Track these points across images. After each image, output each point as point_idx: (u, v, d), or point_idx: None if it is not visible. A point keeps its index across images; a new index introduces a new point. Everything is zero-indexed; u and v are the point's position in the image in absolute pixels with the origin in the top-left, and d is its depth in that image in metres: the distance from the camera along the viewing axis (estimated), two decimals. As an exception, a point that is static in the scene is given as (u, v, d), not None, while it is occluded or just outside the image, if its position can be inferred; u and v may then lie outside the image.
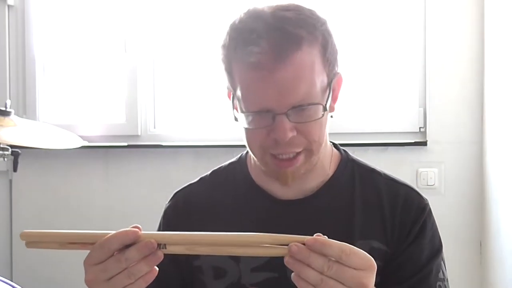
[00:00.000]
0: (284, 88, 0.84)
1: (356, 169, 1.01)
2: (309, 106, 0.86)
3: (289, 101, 0.85)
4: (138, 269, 0.70)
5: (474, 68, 2.14)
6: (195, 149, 2.28)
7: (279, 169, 0.91)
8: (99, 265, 0.71)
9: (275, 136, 0.86)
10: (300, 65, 0.84)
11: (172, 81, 2.42)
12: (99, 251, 0.71)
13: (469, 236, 2.16)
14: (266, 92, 0.85)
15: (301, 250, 0.69)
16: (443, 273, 0.96)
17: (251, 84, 0.86)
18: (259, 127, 0.88)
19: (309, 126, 0.88)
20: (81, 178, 2.39)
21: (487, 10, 2.10)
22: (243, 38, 0.86)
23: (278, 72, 0.83)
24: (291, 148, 0.88)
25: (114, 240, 0.71)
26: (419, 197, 0.99)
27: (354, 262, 0.70)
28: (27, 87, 2.44)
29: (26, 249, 0.77)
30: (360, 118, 2.25)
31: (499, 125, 1.98)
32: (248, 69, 0.86)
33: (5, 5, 2.42)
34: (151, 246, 0.70)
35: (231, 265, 0.95)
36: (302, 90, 0.85)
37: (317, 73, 0.87)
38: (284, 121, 0.85)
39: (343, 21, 2.24)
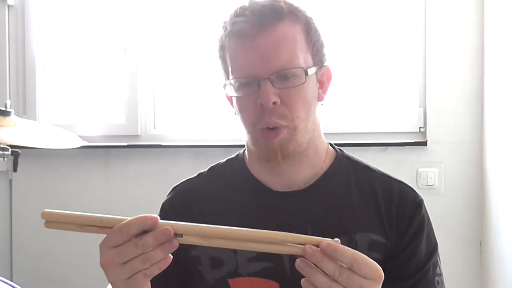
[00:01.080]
0: (266, 54, 0.91)
1: (351, 165, 1.03)
2: (291, 69, 0.91)
3: (271, 66, 0.90)
4: (153, 255, 0.72)
5: (474, 68, 2.14)
6: (195, 149, 2.28)
7: (267, 142, 0.93)
8: (116, 248, 0.73)
9: (260, 101, 0.90)
10: (281, 34, 0.92)
11: (172, 81, 2.42)
12: (118, 235, 0.73)
13: (469, 236, 2.16)
14: (250, 58, 0.91)
15: (315, 252, 0.70)
16: (439, 268, 0.98)
17: (237, 52, 0.93)
18: (246, 94, 0.93)
19: (293, 94, 0.92)
20: (81, 178, 2.39)
21: (487, 10, 2.10)
22: (232, 13, 0.95)
23: (260, 39, 0.91)
24: (276, 117, 0.91)
25: (133, 225, 0.72)
26: (414, 192, 1.00)
27: (365, 271, 0.71)
28: (27, 87, 2.44)
29: (26, 249, 0.78)
30: (360, 118, 2.25)
31: (499, 125, 1.98)
32: (234, 38, 0.93)
33: (5, 5, 2.42)
34: (167, 233, 0.71)
35: (228, 255, 0.96)
36: (284, 57, 0.91)
37: (300, 47, 0.93)
38: (267, 85, 0.90)
39: (343, 21, 2.24)
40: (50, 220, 0.77)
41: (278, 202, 0.98)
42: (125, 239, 0.72)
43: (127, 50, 2.38)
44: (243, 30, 0.92)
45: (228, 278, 0.97)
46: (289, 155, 0.94)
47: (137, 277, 0.73)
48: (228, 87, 0.96)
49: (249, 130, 0.96)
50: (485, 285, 2.12)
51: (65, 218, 0.77)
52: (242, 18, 0.92)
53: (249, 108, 0.93)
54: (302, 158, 0.97)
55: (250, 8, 0.93)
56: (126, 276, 0.73)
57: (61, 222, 0.77)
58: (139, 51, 2.38)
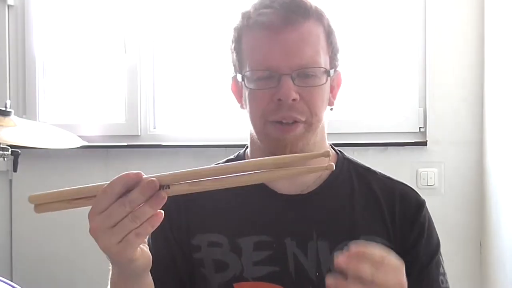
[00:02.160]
0: (290, 49, 0.89)
1: (352, 167, 1.02)
2: (313, 68, 0.90)
3: (294, 62, 0.89)
4: (142, 211, 0.68)
5: (474, 68, 2.14)
6: (195, 149, 2.28)
7: (279, 136, 0.91)
8: (103, 212, 0.69)
9: (279, 96, 0.89)
10: (307, 32, 0.91)
11: (172, 81, 2.42)
12: (103, 198, 0.69)
13: (469, 236, 2.16)
14: (272, 52, 0.90)
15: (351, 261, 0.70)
16: (442, 267, 0.98)
17: (260, 43, 0.92)
18: (264, 87, 0.91)
19: (312, 93, 0.91)
20: (81, 178, 2.39)
21: (487, 10, 2.10)
22: (259, 3, 0.94)
23: (285, 33, 0.89)
24: (293, 113, 0.90)
25: (117, 184, 0.69)
26: (415, 194, 1.00)
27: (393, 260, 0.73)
28: (27, 87, 2.44)
29: (26, 249, 0.77)
30: (360, 118, 2.25)
31: (499, 125, 1.98)
32: (258, 29, 0.92)
33: (5, 5, 2.42)
34: (153, 185, 0.68)
35: (233, 258, 0.96)
36: (308, 54, 0.90)
37: (322, 47, 0.93)
38: (289, 81, 0.89)
39: (343, 21, 2.24)
40: (38, 203, 0.73)
41: (280, 205, 0.97)
42: (111, 201, 0.69)
43: (127, 50, 2.38)
44: (270, 22, 0.90)
45: (233, 283, 0.96)
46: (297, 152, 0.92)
47: (130, 238, 0.69)
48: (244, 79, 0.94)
49: (258, 123, 0.94)
50: (485, 285, 2.12)
51: (52, 197, 0.73)
52: (269, 10, 0.91)
53: (263, 102, 0.92)
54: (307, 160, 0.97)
55: (279, 0, 0.92)
56: (117, 239, 0.69)
57: (50, 203, 0.73)
58: (139, 51, 2.37)
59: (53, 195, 0.73)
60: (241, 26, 0.95)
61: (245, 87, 0.95)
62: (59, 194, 0.73)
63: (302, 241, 0.94)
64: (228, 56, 1.00)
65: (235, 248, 0.96)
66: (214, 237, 0.98)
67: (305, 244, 0.94)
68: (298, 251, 0.94)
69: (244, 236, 0.96)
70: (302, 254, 0.94)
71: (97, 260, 0.74)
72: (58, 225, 2.38)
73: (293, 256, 0.94)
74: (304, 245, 0.94)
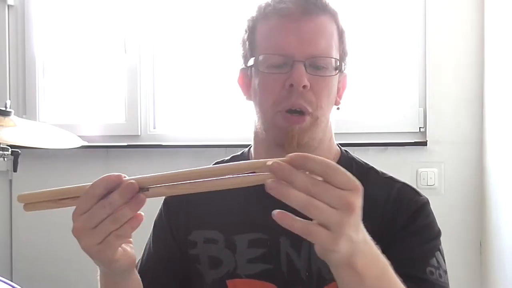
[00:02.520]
0: (305, 38, 0.92)
1: (354, 167, 1.01)
2: (326, 59, 0.93)
3: (308, 50, 0.92)
4: (122, 213, 0.69)
5: (474, 68, 2.14)
6: (195, 149, 2.28)
7: (287, 126, 0.92)
8: (85, 213, 0.70)
9: (291, 81, 0.90)
10: (323, 24, 0.95)
11: (172, 81, 2.42)
12: (85, 199, 0.71)
13: (469, 236, 2.16)
14: (289, 38, 0.92)
15: (284, 166, 0.62)
16: (437, 262, 0.94)
17: (276, 30, 0.94)
18: (276, 72, 0.93)
19: (321, 84, 0.93)
20: (81, 178, 2.37)
21: (487, 10, 2.10)
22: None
23: (302, 22, 0.92)
24: (303, 101, 0.91)
25: (98, 185, 0.70)
26: (414, 192, 0.98)
27: (341, 179, 0.63)
28: (27, 87, 2.44)
29: (26, 249, 0.77)
30: (360, 118, 2.25)
31: (499, 125, 1.98)
32: (276, 17, 0.94)
33: (5, 5, 2.42)
34: (132, 188, 0.68)
35: (227, 255, 0.96)
36: (322, 45, 0.93)
37: (335, 43, 0.97)
38: (301, 67, 0.91)
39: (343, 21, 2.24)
40: (27, 203, 0.75)
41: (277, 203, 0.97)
42: (92, 202, 0.70)
43: (126, 50, 2.38)
44: (288, 10, 0.93)
45: (226, 279, 0.97)
46: (303, 145, 0.93)
47: (109, 240, 0.70)
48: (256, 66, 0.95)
49: (266, 112, 0.95)
50: (485, 285, 2.12)
51: (39, 196, 0.75)
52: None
53: (274, 88, 0.93)
54: None
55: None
56: (98, 240, 0.70)
57: (38, 202, 0.75)
58: (139, 51, 2.37)
59: (41, 195, 0.75)
60: (257, 16, 0.97)
61: (256, 74, 0.96)
62: (47, 194, 0.75)
63: (296, 240, 0.93)
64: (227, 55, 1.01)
65: (230, 245, 0.97)
66: (210, 233, 0.99)
67: (299, 243, 0.94)
68: (291, 250, 0.95)
69: (239, 233, 0.97)
70: (295, 253, 0.94)
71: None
72: (58, 225, 2.37)
73: (286, 255, 0.95)
74: (298, 245, 0.94)
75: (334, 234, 0.63)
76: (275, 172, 0.63)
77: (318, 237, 0.63)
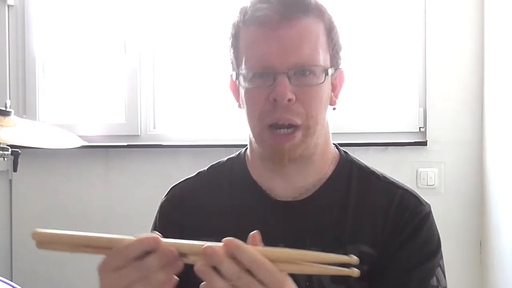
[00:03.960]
0: (287, 47, 0.86)
1: (354, 171, 0.98)
2: (311, 66, 0.87)
3: (291, 60, 0.86)
4: (157, 278, 0.67)
5: (474, 68, 2.14)
6: (195, 149, 2.28)
7: (276, 145, 0.89)
8: (117, 272, 0.67)
9: (274, 96, 0.85)
10: (305, 28, 0.87)
11: (172, 81, 2.42)
12: (118, 257, 0.68)
13: (469, 236, 2.16)
14: (269, 49, 0.86)
15: (217, 252, 0.65)
16: (437, 280, 0.91)
17: (256, 40, 0.88)
18: (259, 86, 0.88)
19: (308, 94, 0.87)
20: (81, 178, 2.39)
21: (487, 10, 2.10)
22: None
23: (282, 30, 0.86)
24: (289, 115, 0.87)
25: (135, 247, 0.68)
26: (416, 200, 0.95)
27: (263, 275, 0.64)
28: (27, 87, 2.44)
29: (26, 249, 0.77)
30: (360, 118, 2.25)
31: (499, 125, 1.98)
32: (255, 25, 0.88)
33: (5, 5, 2.42)
34: (171, 255, 0.67)
35: None
36: (305, 51, 0.87)
37: (322, 45, 0.90)
38: (284, 80, 0.85)
39: (343, 21, 2.23)
40: (42, 241, 0.72)
41: (276, 211, 0.95)
42: (126, 262, 0.67)
43: (127, 50, 2.38)
44: (266, 17, 0.86)
45: None
46: (296, 159, 0.90)
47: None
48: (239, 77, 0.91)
49: (254, 126, 0.91)
50: (485, 285, 2.12)
51: (57, 238, 0.72)
52: (266, 5, 0.87)
53: (259, 101, 0.88)
54: (308, 163, 0.93)
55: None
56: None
57: (54, 243, 0.72)
58: (139, 51, 2.37)
59: (59, 237, 0.72)
60: (238, 21, 0.92)
61: (241, 86, 0.92)
62: (66, 237, 0.72)
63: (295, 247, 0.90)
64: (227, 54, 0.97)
65: None
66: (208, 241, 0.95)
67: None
68: None
69: None
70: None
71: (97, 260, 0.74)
72: (58, 225, 2.37)
73: None
74: None
75: None
76: (207, 257, 0.65)
77: None
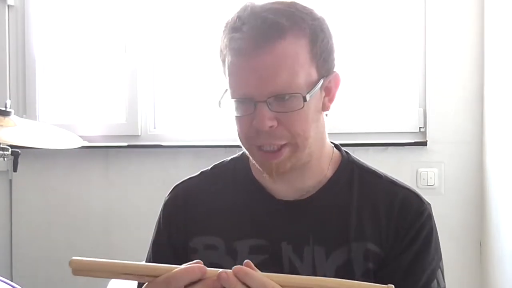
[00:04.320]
0: (264, 75, 0.85)
1: (356, 171, 0.99)
2: (289, 95, 0.85)
3: (268, 88, 0.85)
4: None
5: (474, 68, 2.14)
6: (195, 149, 2.28)
7: (264, 162, 0.90)
8: None
9: (255, 125, 0.86)
10: (281, 53, 0.85)
11: (172, 81, 2.42)
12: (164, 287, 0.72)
13: (469, 236, 2.16)
14: (247, 79, 0.86)
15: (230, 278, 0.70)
16: (438, 283, 0.92)
17: (235, 70, 0.88)
18: (243, 114, 0.89)
19: (291, 117, 0.86)
20: (81, 178, 2.39)
21: (487, 10, 2.10)
22: (230, 26, 0.89)
23: (258, 58, 0.84)
24: (273, 140, 0.87)
25: (181, 278, 0.71)
26: (418, 200, 0.95)
27: None
28: (27, 87, 2.44)
29: (26, 249, 0.77)
30: (360, 118, 2.25)
31: (499, 125, 1.98)
32: (232, 55, 0.87)
33: (5, 5, 2.42)
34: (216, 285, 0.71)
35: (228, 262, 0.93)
36: (283, 78, 0.85)
37: (302, 64, 0.87)
38: (263, 109, 0.85)
39: (343, 21, 2.24)
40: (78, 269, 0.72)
41: (279, 209, 0.96)
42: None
43: (127, 50, 2.38)
44: (240, 48, 0.86)
45: None
46: (286, 172, 0.91)
47: None
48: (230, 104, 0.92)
49: (243, 144, 0.94)
50: (485, 285, 2.12)
51: (96, 267, 0.73)
52: (238, 34, 0.86)
53: (244, 127, 0.90)
54: (304, 169, 0.94)
55: (248, 22, 0.86)
56: None
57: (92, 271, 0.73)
58: (139, 51, 2.38)
59: (98, 265, 0.73)
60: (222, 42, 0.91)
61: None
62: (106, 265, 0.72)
63: (298, 246, 0.93)
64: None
65: (230, 251, 0.95)
66: (211, 240, 0.97)
67: (301, 249, 0.92)
68: (294, 256, 0.93)
69: (240, 240, 0.95)
70: (297, 259, 0.93)
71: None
72: (58, 225, 2.38)
73: (288, 261, 0.93)
74: (300, 250, 0.92)
75: None
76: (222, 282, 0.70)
77: None
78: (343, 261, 0.91)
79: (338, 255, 0.92)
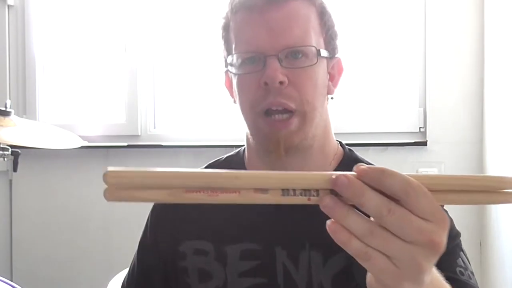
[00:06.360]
0: (276, 29, 0.83)
1: None
2: (302, 47, 0.83)
3: (280, 42, 0.83)
4: None
5: (474, 68, 2.14)
6: (195, 149, 2.28)
7: (271, 132, 0.85)
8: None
9: (265, 79, 0.82)
10: (294, 10, 0.84)
11: (172, 81, 2.42)
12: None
13: (469, 236, 2.16)
14: (257, 33, 0.84)
15: (354, 183, 0.48)
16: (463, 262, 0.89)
17: (243, 26, 0.86)
18: (250, 72, 0.85)
19: (302, 76, 0.84)
20: (81, 178, 2.39)
21: (487, 10, 2.10)
22: None
23: (270, 13, 0.83)
24: (282, 98, 0.83)
25: None
26: None
27: (423, 207, 0.47)
28: (27, 87, 2.44)
29: (26, 249, 0.76)
30: (360, 118, 2.25)
31: (499, 125, 1.98)
32: (241, 11, 0.86)
33: (5, 5, 2.42)
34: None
35: (217, 268, 0.89)
36: (295, 33, 0.84)
37: (314, 27, 0.86)
38: (275, 63, 0.82)
39: (343, 21, 2.24)
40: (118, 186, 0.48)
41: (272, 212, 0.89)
42: None
43: (127, 50, 2.38)
44: (252, 2, 0.84)
45: None
46: (293, 149, 0.85)
47: None
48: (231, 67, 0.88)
49: (248, 115, 0.88)
50: (485, 285, 2.12)
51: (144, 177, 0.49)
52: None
53: (250, 88, 0.85)
54: (306, 156, 0.89)
55: None
56: None
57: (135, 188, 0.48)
58: (139, 51, 2.38)
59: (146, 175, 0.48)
60: (227, 12, 0.90)
61: (233, 75, 0.89)
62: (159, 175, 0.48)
63: (293, 251, 0.87)
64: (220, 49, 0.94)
65: (220, 256, 0.89)
66: (200, 244, 0.92)
67: (296, 254, 0.86)
68: (288, 261, 0.86)
69: (231, 244, 0.89)
70: (292, 265, 0.86)
71: (97, 261, 0.74)
72: (58, 225, 2.38)
73: (282, 267, 0.86)
74: (295, 256, 0.86)
75: (400, 271, 0.49)
76: (341, 189, 0.48)
77: (378, 268, 0.49)
78: (341, 268, 0.85)
79: (337, 261, 0.86)
